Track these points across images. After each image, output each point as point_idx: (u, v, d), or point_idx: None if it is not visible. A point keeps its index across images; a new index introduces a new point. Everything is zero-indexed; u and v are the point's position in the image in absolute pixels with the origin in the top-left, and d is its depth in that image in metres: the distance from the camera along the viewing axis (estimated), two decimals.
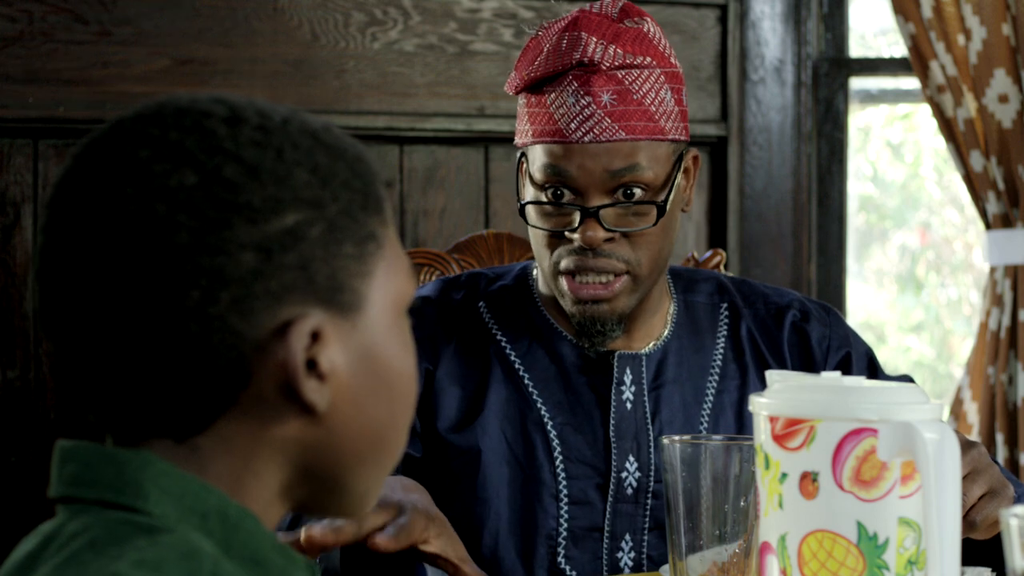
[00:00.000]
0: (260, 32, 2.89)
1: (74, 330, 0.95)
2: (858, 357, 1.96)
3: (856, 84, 3.36)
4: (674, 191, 1.84)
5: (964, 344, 3.78)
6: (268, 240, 0.94)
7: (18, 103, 2.76)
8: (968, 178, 3.14)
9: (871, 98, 3.47)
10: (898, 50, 3.49)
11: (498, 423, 1.88)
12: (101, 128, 0.98)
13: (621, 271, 1.83)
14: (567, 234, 1.83)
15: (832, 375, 1.34)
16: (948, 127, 3.13)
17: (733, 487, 1.47)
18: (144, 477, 0.94)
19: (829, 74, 3.30)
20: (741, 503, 1.47)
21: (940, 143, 3.60)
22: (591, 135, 1.79)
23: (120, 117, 0.98)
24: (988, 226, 3.15)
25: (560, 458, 1.87)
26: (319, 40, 2.93)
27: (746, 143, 3.20)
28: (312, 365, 0.96)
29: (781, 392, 1.33)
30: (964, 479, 1.60)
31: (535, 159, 1.84)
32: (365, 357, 0.98)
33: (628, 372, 1.89)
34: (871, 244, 3.84)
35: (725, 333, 1.96)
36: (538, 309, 1.94)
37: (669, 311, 1.96)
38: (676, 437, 1.50)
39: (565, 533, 1.86)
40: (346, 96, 2.95)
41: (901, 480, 1.29)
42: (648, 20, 1.86)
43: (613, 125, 1.79)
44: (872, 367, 1.97)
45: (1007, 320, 3.15)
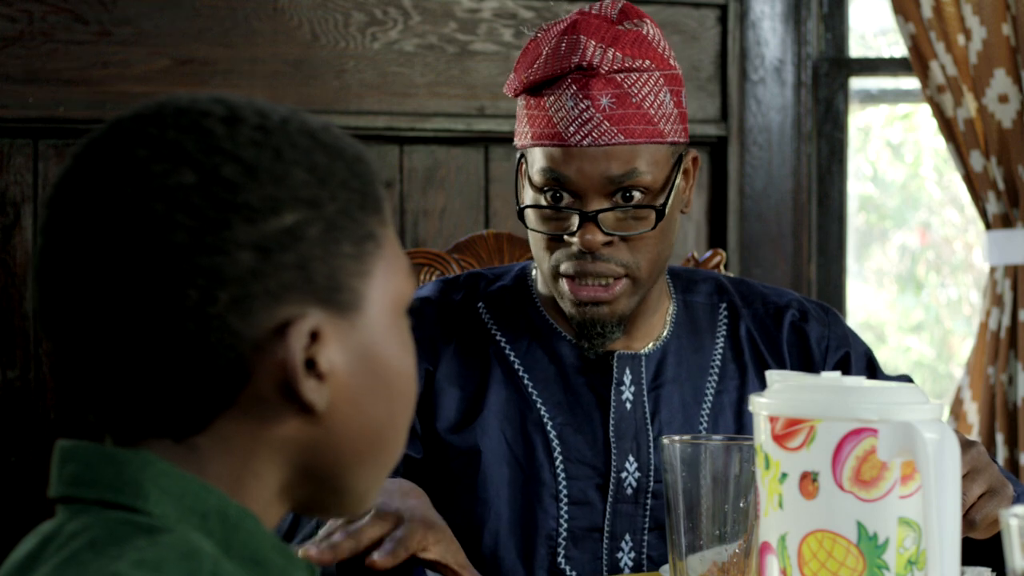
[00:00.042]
0: (260, 32, 2.89)
1: (73, 330, 0.95)
2: (857, 357, 1.96)
3: (856, 84, 3.36)
4: (673, 193, 1.84)
5: (964, 344, 3.78)
6: (266, 240, 0.94)
7: (18, 103, 2.76)
8: (968, 178, 3.14)
9: (871, 98, 3.47)
10: (898, 50, 3.49)
11: (498, 424, 1.88)
12: (100, 128, 0.98)
13: (620, 275, 1.83)
14: (566, 238, 1.82)
15: (832, 375, 1.34)
16: (948, 127, 3.13)
17: (733, 487, 1.47)
18: (144, 477, 0.94)
19: (829, 74, 3.30)
20: (741, 503, 1.47)
21: (940, 143, 3.59)
22: (590, 139, 1.79)
23: (119, 117, 0.98)
24: (988, 226, 3.15)
25: (560, 458, 1.87)
26: (319, 40, 2.93)
27: (746, 143, 3.20)
28: (311, 365, 0.95)
29: (781, 392, 1.33)
30: (963, 478, 1.60)
31: (534, 162, 1.84)
32: (364, 357, 0.98)
33: (628, 372, 1.89)
34: (871, 244, 3.84)
35: (724, 333, 1.96)
36: (537, 310, 1.93)
37: (668, 311, 1.96)
38: (676, 437, 1.50)
39: (565, 533, 1.86)
40: (346, 96, 2.95)
41: (901, 480, 1.29)
42: (647, 22, 1.85)
43: (612, 129, 1.79)
44: (871, 367, 1.97)
45: (1007, 320, 3.15)
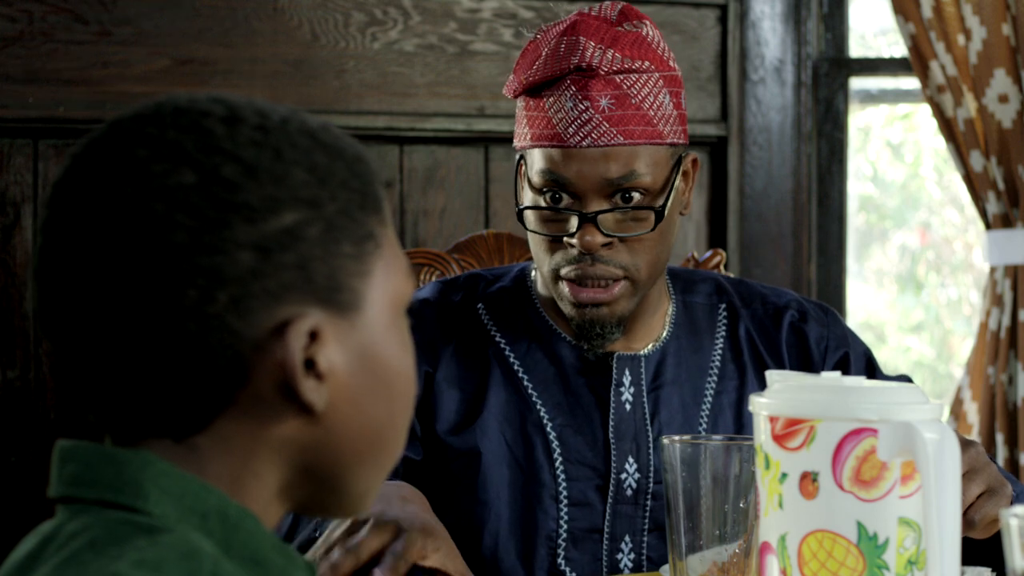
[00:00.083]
0: (260, 32, 2.89)
1: (73, 329, 0.95)
2: (856, 357, 1.96)
3: (856, 84, 3.36)
4: (672, 195, 1.84)
5: (964, 344, 3.78)
6: (266, 239, 0.94)
7: (18, 103, 2.76)
8: (968, 178, 3.14)
9: (871, 98, 3.47)
10: (898, 50, 3.49)
11: (498, 425, 1.88)
12: (100, 128, 0.98)
13: (619, 276, 1.82)
14: (565, 239, 1.82)
15: (832, 375, 1.34)
16: (948, 127, 3.12)
17: (733, 487, 1.47)
18: (144, 477, 0.94)
19: (829, 74, 3.30)
20: (741, 503, 1.47)
21: (940, 143, 3.59)
22: (589, 140, 1.79)
23: (118, 117, 0.98)
24: (988, 226, 3.15)
25: (560, 459, 1.87)
26: (319, 40, 2.93)
27: (746, 143, 3.20)
28: (310, 365, 0.95)
29: (781, 392, 1.33)
30: (962, 478, 1.60)
31: (533, 163, 1.84)
32: (363, 357, 0.98)
33: (627, 373, 1.89)
34: (871, 244, 3.84)
35: (723, 333, 1.96)
36: (537, 310, 1.93)
37: (668, 312, 1.95)
38: (676, 437, 1.50)
39: (565, 534, 1.86)
40: (346, 96, 2.95)
41: (901, 480, 1.29)
42: (647, 23, 1.85)
43: (611, 130, 1.79)
44: (870, 367, 1.97)
45: (1007, 320, 3.15)
